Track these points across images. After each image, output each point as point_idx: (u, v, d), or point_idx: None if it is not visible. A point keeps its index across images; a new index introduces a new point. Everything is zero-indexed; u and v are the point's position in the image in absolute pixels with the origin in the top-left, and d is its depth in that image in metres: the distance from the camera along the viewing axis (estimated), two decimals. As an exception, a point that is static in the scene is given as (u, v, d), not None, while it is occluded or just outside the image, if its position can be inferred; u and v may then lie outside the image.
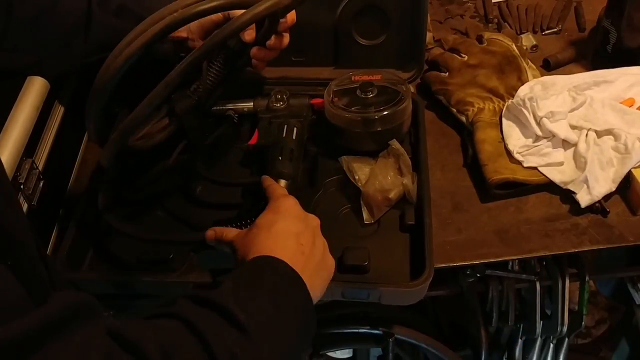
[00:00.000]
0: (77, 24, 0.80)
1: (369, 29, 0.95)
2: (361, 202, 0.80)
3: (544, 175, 0.85)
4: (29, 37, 0.78)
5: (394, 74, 0.91)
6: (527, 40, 1.08)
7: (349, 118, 0.84)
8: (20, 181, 0.73)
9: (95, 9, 0.80)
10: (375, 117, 0.83)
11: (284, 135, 0.84)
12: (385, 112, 0.83)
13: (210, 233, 0.69)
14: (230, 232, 0.67)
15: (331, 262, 0.66)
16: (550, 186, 0.85)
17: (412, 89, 0.98)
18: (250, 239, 0.63)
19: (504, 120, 0.90)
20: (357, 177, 0.81)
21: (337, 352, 1.19)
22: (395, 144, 0.83)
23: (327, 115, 0.86)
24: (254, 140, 0.86)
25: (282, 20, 0.79)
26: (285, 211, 0.65)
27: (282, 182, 0.78)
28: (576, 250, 0.80)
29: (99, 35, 0.81)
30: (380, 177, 0.80)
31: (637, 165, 0.82)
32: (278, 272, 0.57)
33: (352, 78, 0.89)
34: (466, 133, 0.93)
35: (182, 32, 0.82)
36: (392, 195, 0.79)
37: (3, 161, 0.69)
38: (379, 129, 0.83)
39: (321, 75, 0.98)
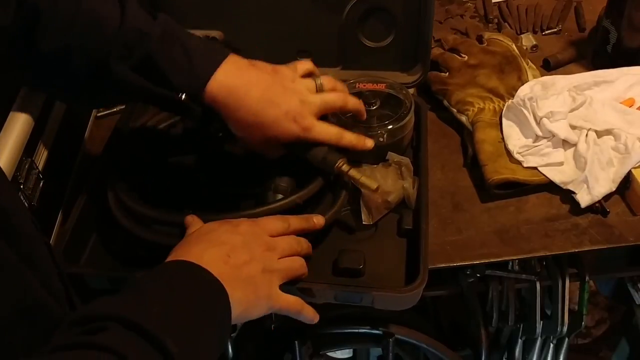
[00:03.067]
0: (91, 76, 0.67)
1: (376, 31, 0.94)
2: (361, 203, 0.80)
3: (544, 175, 0.85)
4: (40, 79, 0.70)
5: (398, 83, 0.91)
6: (527, 40, 1.08)
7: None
8: (20, 181, 0.73)
9: (115, 61, 0.66)
10: (377, 132, 0.83)
11: None
12: (387, 129, 0.83)
13: (188, 218, 0.70)
14: (195, 225, 0.68)
15: (266, 290, 0.63)
16: (550, 186, 0.85)
17: (413, 91, 0.98)
18: (187, 239, 0.64)
19: (504, 120, 0.90)
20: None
21: (337, 352, 1.19)
22: (394, 157, 0.82)
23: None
24: None
25: None
26: (231, 225, 0.66)
27: (279, 197, 0.78)
28: (576, 250, 0.80)
29: (112, 92, 0.70)
30: (380, 180, 0.80)
31: (637, 165, 0.82)
32: (199, 279, 0.57)
33: (357, 85, 0.88)
34: (466, 133, 0.93)
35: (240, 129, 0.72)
36: (392, 198, 0.79)
37: (3, 161, 0.70)
38: (380, 144, 0.83)
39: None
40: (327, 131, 0.75)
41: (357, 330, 0.93)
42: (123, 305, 0.50)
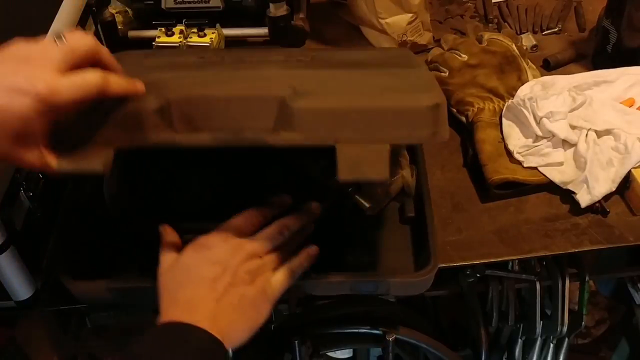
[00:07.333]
0: None
1: None
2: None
3: (544, 175, 0.85)
4: None
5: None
6: (527, 40, 1.08)
7: None
8: (21, 181, 0.73)
9: None
10: None
11: None
12: None
13: (162, 229, 0.69)
14: (168, 234, 0.67)
15: (261, 297, 0.63)
16: (550, 186, 0.85)
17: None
18: (169, 279, 0.63)
19: (504, 120, 0.90)
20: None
21: (337, 352, 1.19)
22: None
23: None
24: None
25: None
26: (206, 250, 0.64)
27: None
28: (576, 250, 0.80)
29: None
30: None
31: (637, 165, 0.82)
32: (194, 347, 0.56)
33: None
34: (466, 133, 0.93)
35: None
36: (391, 188, 0.79)
37: (3, 161, 0.70)
38: None
39: None
40: (84, 79, 0.53)
41: (357, 330, 0.92)
42: None
